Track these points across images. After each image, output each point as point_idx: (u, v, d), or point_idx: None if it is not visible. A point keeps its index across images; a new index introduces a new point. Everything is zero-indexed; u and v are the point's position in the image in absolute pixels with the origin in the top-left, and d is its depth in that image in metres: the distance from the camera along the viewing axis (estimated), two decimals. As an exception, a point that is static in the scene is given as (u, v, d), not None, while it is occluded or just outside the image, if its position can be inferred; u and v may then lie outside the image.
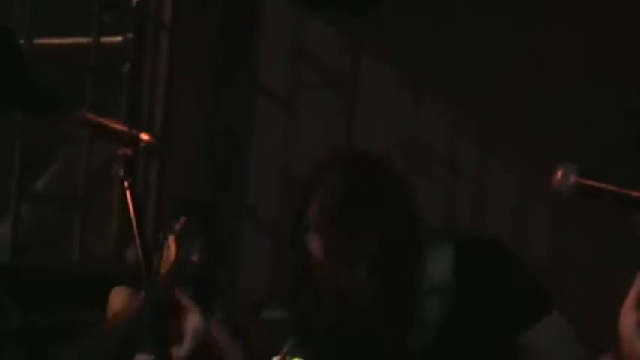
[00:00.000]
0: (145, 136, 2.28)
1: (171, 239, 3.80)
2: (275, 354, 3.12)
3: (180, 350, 3.34)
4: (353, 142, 5.38)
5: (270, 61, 5.56)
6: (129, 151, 2.28)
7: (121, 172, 2.31)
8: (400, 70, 5.27)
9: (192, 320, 3.40)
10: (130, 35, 5.35)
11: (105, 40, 5.24)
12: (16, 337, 2.29)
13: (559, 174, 1.86)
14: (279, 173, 5.51)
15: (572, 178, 1.86)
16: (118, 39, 5.38)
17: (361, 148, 5.17)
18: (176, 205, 4.08)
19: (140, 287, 3.19)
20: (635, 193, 1.79)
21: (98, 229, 5.32)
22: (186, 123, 5.30)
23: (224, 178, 5.49)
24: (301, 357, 2.48)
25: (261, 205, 5.53)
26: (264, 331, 3.80)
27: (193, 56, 5.41)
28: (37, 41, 5.02)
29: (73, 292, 4.48)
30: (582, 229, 2.19)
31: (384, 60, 5.33)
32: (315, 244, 2.32)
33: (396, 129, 5.24)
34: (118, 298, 3.56)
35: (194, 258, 3.88)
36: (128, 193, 2.32)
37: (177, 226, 3.72)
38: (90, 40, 5.17)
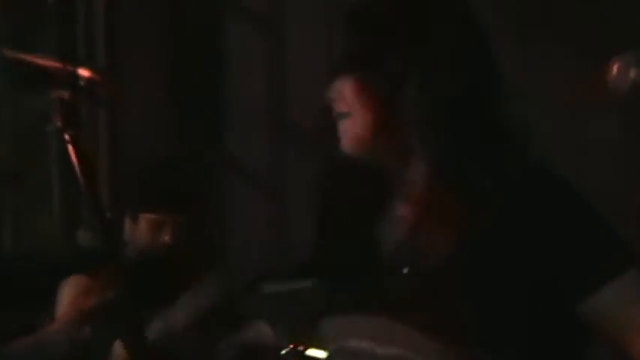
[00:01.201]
0: (84, 72, 2.25)
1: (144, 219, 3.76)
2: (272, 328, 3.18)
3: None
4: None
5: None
6: (66, 94, 2.25)
7: (59, 123, 2.26)
8: None
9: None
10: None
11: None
12: None
13: (615, 68, 1.88)
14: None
15: (633, 72, 1.87)
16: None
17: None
18: (144, 173, 4.08)
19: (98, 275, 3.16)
20: None
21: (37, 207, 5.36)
22: (139, 56, 5.28)
23: (193, 128, 5.48)
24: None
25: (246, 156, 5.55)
26: (262, 306, 3.84)
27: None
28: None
29: (13, 288, 4.46)
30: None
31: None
32: None
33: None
34: (72, 292, 3.49)
35: (166, 238, 3.90)
36: (71, 149, 2.28)
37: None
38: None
